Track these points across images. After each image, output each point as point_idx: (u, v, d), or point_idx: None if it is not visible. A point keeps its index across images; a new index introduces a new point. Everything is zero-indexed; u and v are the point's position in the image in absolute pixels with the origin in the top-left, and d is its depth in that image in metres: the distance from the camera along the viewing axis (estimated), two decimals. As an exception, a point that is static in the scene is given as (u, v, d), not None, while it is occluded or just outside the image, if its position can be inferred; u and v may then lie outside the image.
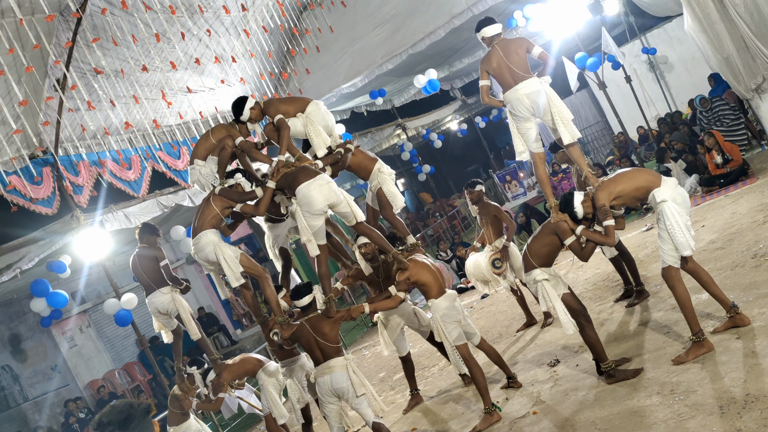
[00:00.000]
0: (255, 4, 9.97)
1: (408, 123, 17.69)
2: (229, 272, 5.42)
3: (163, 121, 9.61)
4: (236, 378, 6.36)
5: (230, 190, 5.59)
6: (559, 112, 5.30)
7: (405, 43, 10.57)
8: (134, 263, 6.62)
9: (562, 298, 5.00)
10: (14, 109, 7.03)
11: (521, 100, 5.26)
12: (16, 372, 11.67)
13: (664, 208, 4.68)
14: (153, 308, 6.61)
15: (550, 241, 5.05)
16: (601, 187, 4.93)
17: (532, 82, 5.26)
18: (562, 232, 4.97)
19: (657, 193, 4.74)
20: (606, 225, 4.81)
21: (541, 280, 5.02)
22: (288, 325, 5.40)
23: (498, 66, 5.37)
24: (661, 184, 4.77)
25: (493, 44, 5.50)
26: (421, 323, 6.34)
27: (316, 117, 5.80)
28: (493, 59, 5.40)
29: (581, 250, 4.98)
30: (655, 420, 4.15)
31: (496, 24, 5.59)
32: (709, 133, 9.84)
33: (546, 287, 5.00)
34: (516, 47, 5.37)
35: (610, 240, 4.87)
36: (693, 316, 4.73)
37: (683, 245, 4.64)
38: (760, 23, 8.87)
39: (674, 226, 4.64)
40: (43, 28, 6.75)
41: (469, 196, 7.36)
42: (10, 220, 7.53)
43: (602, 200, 4.83)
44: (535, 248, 5.09)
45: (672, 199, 4.70)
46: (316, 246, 5.39)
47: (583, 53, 10.93)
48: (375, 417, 5.19)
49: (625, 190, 4.88)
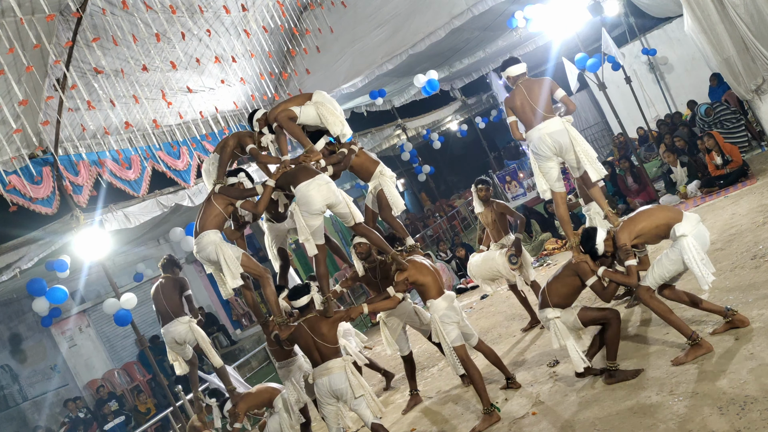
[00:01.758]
0: (255, 4, 9.97)
1: (408, 123, 17.69)
2: (228, 272, 5.42)
3: (163, 121, 9.60)
4: (253, 408, 6.32)
5: (230, 188, 5.59)
6: (584, 151, 5.35)
7: (405, 44, 10.57)
8: (157, 292, 6.85)
9: (580, 315, 5.00)
10: (14, 109, 7.03)
11: (544, 140, 5.31)
12: (16, 371, 11.67)
13: (683, 243, 4.69)
14: (170, 338, 6.81)
15: (571, 281, 5.03)
16: (622, 226, 4.92)
17: (554, 121, 5.30)
18: (583, 273, 4.95)
19: (678, 228, 4.74)
20: (628, 265, 4.80)
21: (553, 318, 5.02)
22: (286, 326, 5.40)
23: (521, 105, 5.41)
24: (683, 219, 4.78)
25: (517, 83, 5.52)
26: (422, 322, 6.35)
27: (325, 100, 5.86)
28: (517, 98, 5.45)
29: (603, 290, 4.96)
30: (655, 421, 4.15)
31: (521, 64, 5.60)
32: (709, 134, 9.83)
33: (558, 325, 5.01)
34: (539, 87, 5.41)
35: (632, 280, 4.84)
36: (680, 324, 4.78)
37: (701, 280, 4.66)
38: (760, 24, 8.87)
39: (692, 261, 4.65)
40: (43, 27, 6.75)
41: (481, 193, 7.28)
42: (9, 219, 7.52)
43: (624, 240, 4.82)
44: (555, 288, 5.07)
45: (692, 234, 4.71)
46: (314, 245, 5.41)
47: (583, 54, 10.93)
48: (374, 418, 5.19)
49: (645, 229, 4.87)
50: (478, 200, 7.36)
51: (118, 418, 10.58)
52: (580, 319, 5.01)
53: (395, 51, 10.66)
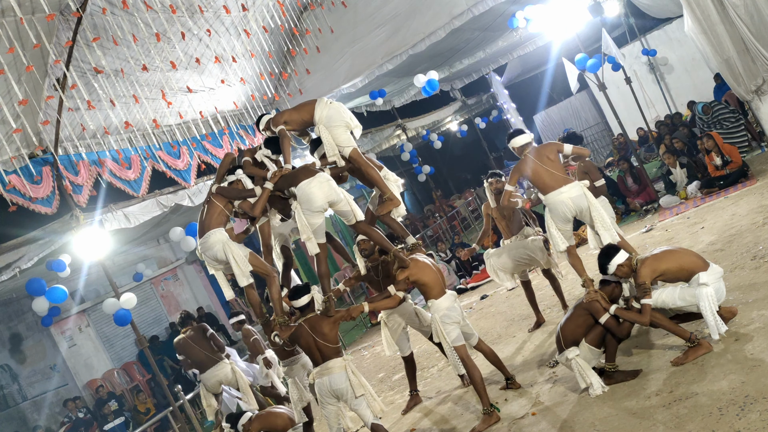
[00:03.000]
0: (255, 4, 9.97)
1: (408, 123, 17.69)
2: (238, 271, 5.41)
3: (163, 120, 9.60)
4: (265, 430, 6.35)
5: (228, 188, 5.59)
6: (599, 218, 5.52)
7: (405, 44, 10.57)
8: (186, 345, 7.20)
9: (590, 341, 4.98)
10: (14, 108, 7.02)
11: (566, 203, 5.49)
12: (15, 371, 11.66)
13: (703, 291, 4.66)
14: (215, 381, 7.08)
15: (584, 321, 5.00)
16: (646, 262, 4.85)
17: (575, 187, 5.52)
18: (595, 311, 4.92)
19: (702, 276, 4.71)
20: (643, 303, 4.74)
21: (573, 357, 4.98)
22: (287, 326, 5.39)
23: (535, 172, 5.65)
24: (708, 269, 4.76)
25: (524, 153, 5.79)
26: (422, 323, 6.34)
27: (330, 120, 5.68)
28: (527, 167, 5.70)
29: (618, 326, 4.90)
30: (654, 421, 4.15)
31: (526, 134, 5.90)
32: (708, 135, 9.83)
33: (580, 363, 4.96)
34: (547, 152, 5.68)
35: (644, 320, 4.78)
36: (677, 329, 4.78)
37: (713, 329, 4.64)
38: (760, 25, 8.87)
39: (707, 310, 4.64)
40: (44, 27, 6.75)
41: (493, 185, 7.15)
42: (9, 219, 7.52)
43: (645, 277, 4.77)
44: (569, 329, 5.04)
45: (713, 286, 4.69)
46: (315, 244, 5.40)
47: (583, 54, 10.92)
48: (374, 418, 5.19)
49: (670, 270, 4.83)
50: (490, 194, 7.22)
51: (118, 418, 10.58)
52: (591, 344, 4.99)
53: (395, 51, 10.66)
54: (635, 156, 11.32)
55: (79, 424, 10.56)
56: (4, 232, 7.90)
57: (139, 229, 10.12)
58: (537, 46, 16.25)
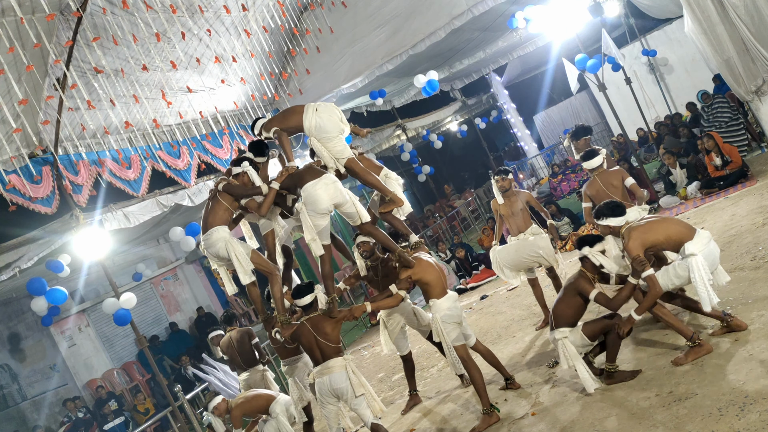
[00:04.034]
0: (255, 4, 9.97)
1: (408, 124, 17.69)
2: (240, 269, 5.40)
3: (163, 120, 9.61)
4: (247, 414, 6.37)
5: (234, 186, 5.55)
6: None
7: (405, 44, 10.57)
8: (230, 345, 7.22)
9: (585, 331, 4.99)
10: (14, 108, 7.02)
11: None
12: (15, 371, 11.67)
13: (692, 262, 4.67)
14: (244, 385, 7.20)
15: (574, 302, 5.02)
16: (632, 236, 4.77)
17: (632, 211, 5.75)
18: (583, 289, 4.94)
19: (688, 246, 4.72)
20: (647, 276, 4.68)
21: (561, 338, 5.01)
22: (288, 325, 5.39)
23: (597, 194, 6.31)
24: (695, 236, 4.75)
25: (594, 174, 6.44)
26: (420, 323, 6.34)
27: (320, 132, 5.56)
28: (594, 188, 6.41)
29: (609, 301, 4.88)
30: (654, 422, 4.15)
31: (599, 156, 6.42)
32: (708, 135, 9.83)
33: (567, 346, 4.98)
34: (613, 178, 6.32)
35: (656, 290, 4.70)
36: (681, 327, 4.78)
37: (704, 300, 4.64)
38: (760, 25, 8.87)
39: (698, 282, 4.64)
40: (44, 27, 6.75)
41: (500, 183, 7.06)
42: (9, 219, 7.52)
43: (636, 250, 4.71)
44: (560, 310, 5.07)
45: (703, 254, 4.69)
46: (320, 245, 5.37)
47: (583, 55, 10.92)
48: (373, 418, 5.19)
49: (658, 242, 4.80)
50: (497, 191, 7.14)
51: (118, 418, 10.58)
52: (587, 335, 4.99)
53: (395, 51, 10.66)
54: (635, 156, 11.31)
55: (79, 424, 10.56)
56: (4, 232, 7.90)
57: (139, 229, 10.12)
58: (537, 47, 16.24)
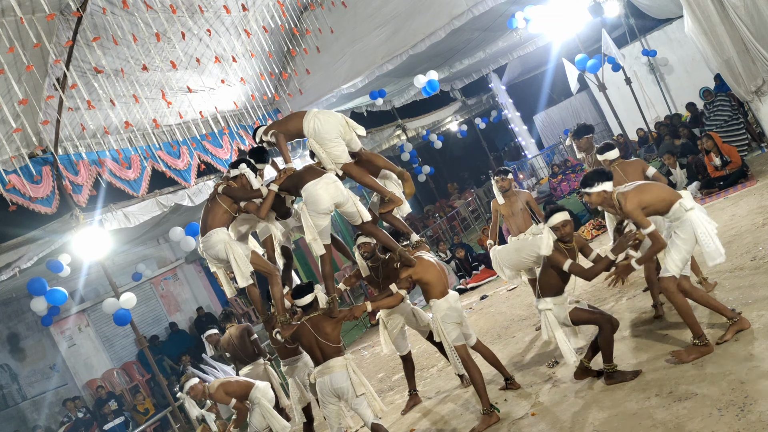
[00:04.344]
0: (255, 4, 9.98)
1: (408, 124, 17.70)
2: (238, 271, 5.39)
3: (163, 120, 9.61)
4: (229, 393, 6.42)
5: (233, 189, 5.55)
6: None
7: (405, 44, 10.58)
8: (230, 341, 7.26)
9: (571, 314, 5.00)
10: (14, 108, 7.03)
11: None
12: (15, 371, 11.67)
13: (692, 216, 4.62)
14: None
15: (552, 273, 5.05)
16: (628, 198, 4.73)
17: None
18: (556, 262, 4.94)
19: (683, 203, 4.67)
20: (649, 234, 4.62)
21: (544, 309, 5.04)
22: (288, 325, 5.38)
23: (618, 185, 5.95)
24: (683, 196, 4.74)
25: (613, 165, 6.20)
26: (419, 323, 6.34)
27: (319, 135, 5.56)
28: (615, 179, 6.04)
29: (584, 270, 4.88)
30: (654, 422, 4.15)
31: (615, 149, 6.28)
32: (708, 135, 9.83)
33: (548, 317, 5.02)
34: (633, 169, 6.09)
35: (660, 244, 4.65)
36: (695, 323, 4.71)
37: (713, 254, 4.60)
38: (761, 26, 8.87)
39: (704, 234, 4.58)
40: (44, 26, 6.75)
41: (500, 183, 7.09)
42: (9, 219, 7.52)
43: (634, 210, 4.68)
44: (543, 280, 5.12)
45: (697, 208, 4.66)
46: (321, 245, 5.36)
47: (583, 55, 10.94)
48: (374, 418, 5.19)
49: (652, 202, 4.75)
50: (498, 191, 7.16)
51: (117, 418, 10.58)
52: (571, 318, 5.02)
53: (395, 51, 10.67)
54: (635, 156, 11.31)
55: (79, 424, 10.56)
56: (4, 231, 7.91)
57: (138, 229, 10.12)
58: (537, 47, 16.24)
